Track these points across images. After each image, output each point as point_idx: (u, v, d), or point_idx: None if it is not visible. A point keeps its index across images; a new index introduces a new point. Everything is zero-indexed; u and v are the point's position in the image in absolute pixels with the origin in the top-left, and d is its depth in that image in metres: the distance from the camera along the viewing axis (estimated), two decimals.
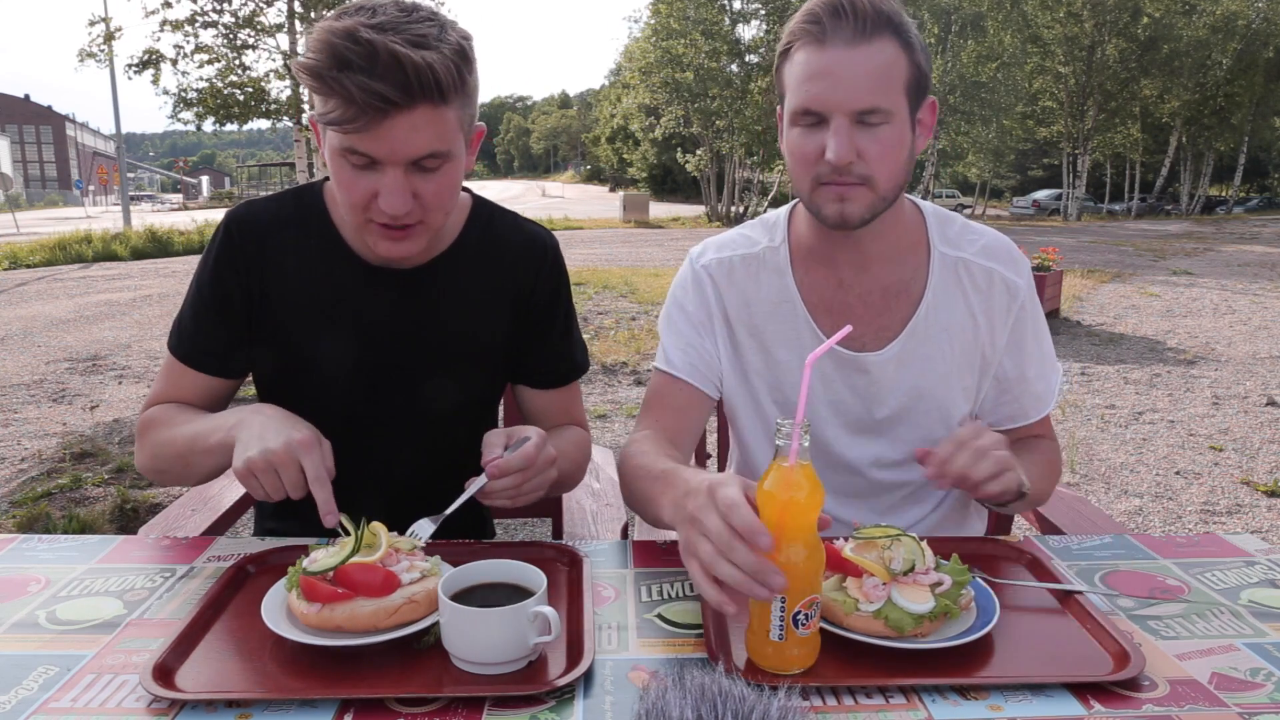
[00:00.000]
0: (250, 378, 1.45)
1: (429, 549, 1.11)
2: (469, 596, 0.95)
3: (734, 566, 0.86)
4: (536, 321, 1.44)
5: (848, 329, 1.02)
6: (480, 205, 1.44)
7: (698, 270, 1.46)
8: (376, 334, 1.37)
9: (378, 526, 1.03)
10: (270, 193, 1.43)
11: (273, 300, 1.35)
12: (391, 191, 1.15)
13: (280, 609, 0.99)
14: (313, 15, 16.63)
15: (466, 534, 1.55)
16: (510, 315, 1.42)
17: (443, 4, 13.37)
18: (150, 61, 16.97)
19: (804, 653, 0.91)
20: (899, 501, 1.48)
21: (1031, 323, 1.42)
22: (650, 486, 1.18)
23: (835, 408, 1.43)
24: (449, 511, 1.14)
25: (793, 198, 1.42)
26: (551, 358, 1.47)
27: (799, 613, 0.89)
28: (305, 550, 1.06)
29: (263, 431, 1.13)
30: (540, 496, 1.21)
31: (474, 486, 1.15)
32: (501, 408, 1.66)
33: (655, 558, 1.20)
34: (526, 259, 1.43)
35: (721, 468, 1.85)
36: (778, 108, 1.32)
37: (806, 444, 0.90)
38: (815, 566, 0.90)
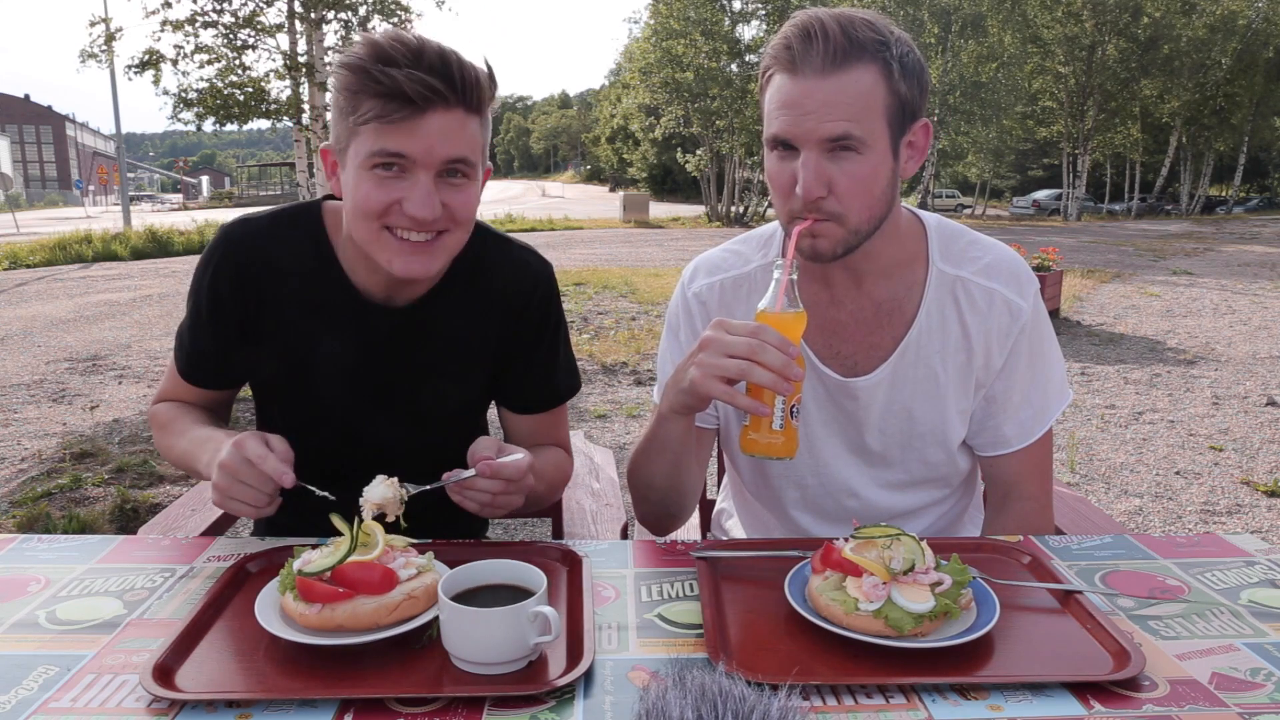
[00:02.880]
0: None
1: (420, 546, 1.11)
2: (469, 597, 0.95)
3: (766, 369, 1.07)
4: (522, 348, 1.44)
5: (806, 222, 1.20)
6: (477, 233, 1.41)
7: (689, 299, 1.45)
8: (368, 362, 1.37)
9: (373, 525, 1.03)
10: (267, 208, 1.42)
11: (268, 318, 1.36)
12: (423, 196, 1.16)
13: (274, 611, 0.99)
14: (312, 15, 16.64)
15: (462, 533, 1.55)
16: (496, 339, 1.42)
17: (444, 2, 13.36)
18: (150, 62, 16.95)
19: (792, 442, 1.12)
20: (898, 521, 1.45)
21: (1030, 346, 1.36)
22: (642, 445, 1.33)
23: (830, 428, 1.41)
24: (428, 487, 1.14)
25: None
26: (534, 384, 1.47)
27: (794, 406, 1.11)
28: (291, 552, 1.06)
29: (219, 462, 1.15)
30: (501, 515, 1.24)
31: (459, 475, 1.15)
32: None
33: (655, 558, 1.20)
34: (517, 288, 1.41)
35: (717, 485, 1.85)
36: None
37: (795, 276, 1.12)
38: (803, 368, 1.12)
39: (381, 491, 1.10)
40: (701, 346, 1.13)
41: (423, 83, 1.12)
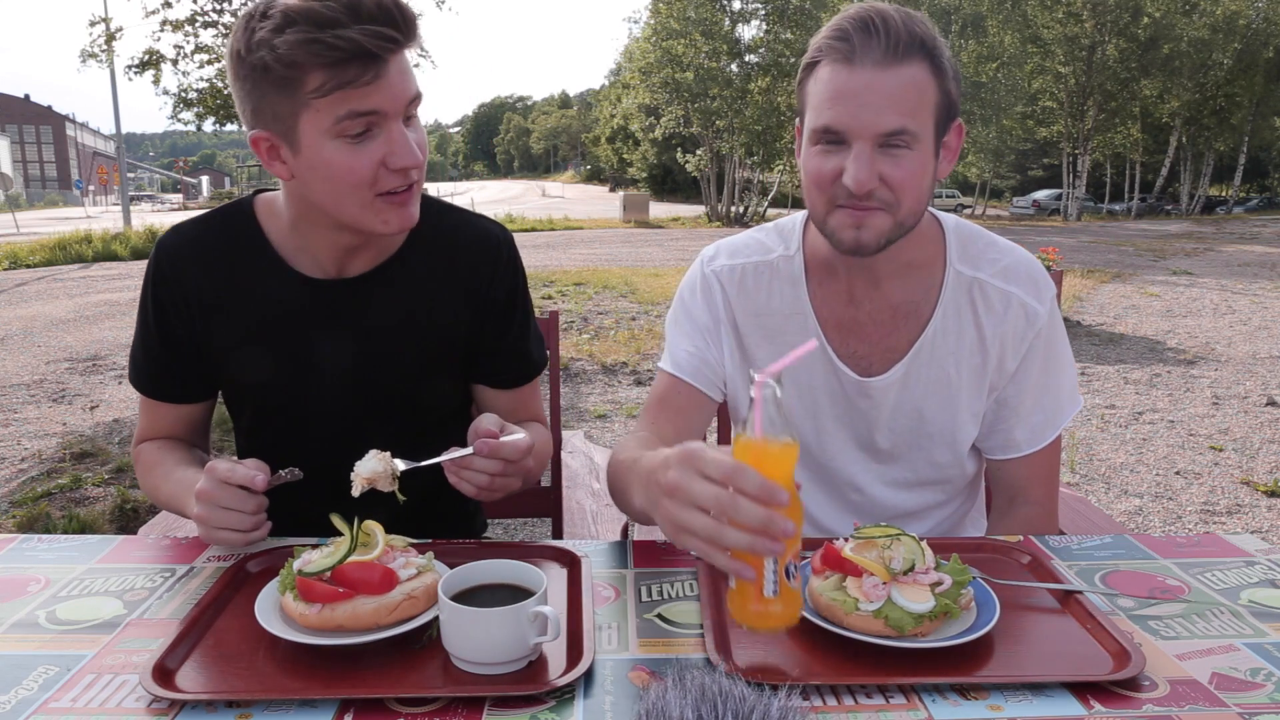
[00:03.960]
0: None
1: (420, 546, 1.11)
2: (469, 597, 0.95)
3: (740, 529, 0.85)
4: (494, 321, 1.41)
5: (811, 344, 0.96)
6: (428, 204, 1.39)
7: (707, 275, 1.43)
8: (333, 346, 1.35)
9: (373, 525, 1.03)
10: (200, 213, 1.40)
11: (215, 323, 1.34)
12: (404, 143, 1.15)
13: (274, 611, 0.99)
14: None
15: (458, 533, 1.55)
16: (468, 312, 1.39)
17: (444, 2, 13.36)
18: (150, 62, 16.96)
19: (790, 607, 0.91)
20: (899, 522, 1.45)
21: (1045, 350, 1.36)
22: (623, 477, 1.17)
23: (840, 423, 1.41)
24: (423, 464, 1.13)
25: (795, 200, 1.40)
26: (510, 357, 1.44)
27: (790, 564, 0.89)
28: (291, 552, 1.06)
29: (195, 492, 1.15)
30: (497, 498, 1.20)
31: (457, 453, 1.13)
32: None
33: (655, 558, 1.20)
34: (479, 257, 1.39)
35: None
36: (796, 121, 1.28)
37: (779, 394, 0.89)
38: (800, 514, 0.91)
39: (372, 465, 1.10)
40: (668, 492, 0.90)
41: (379, 35, 1.08)
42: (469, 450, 1.12)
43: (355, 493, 1.09)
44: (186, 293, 1.33)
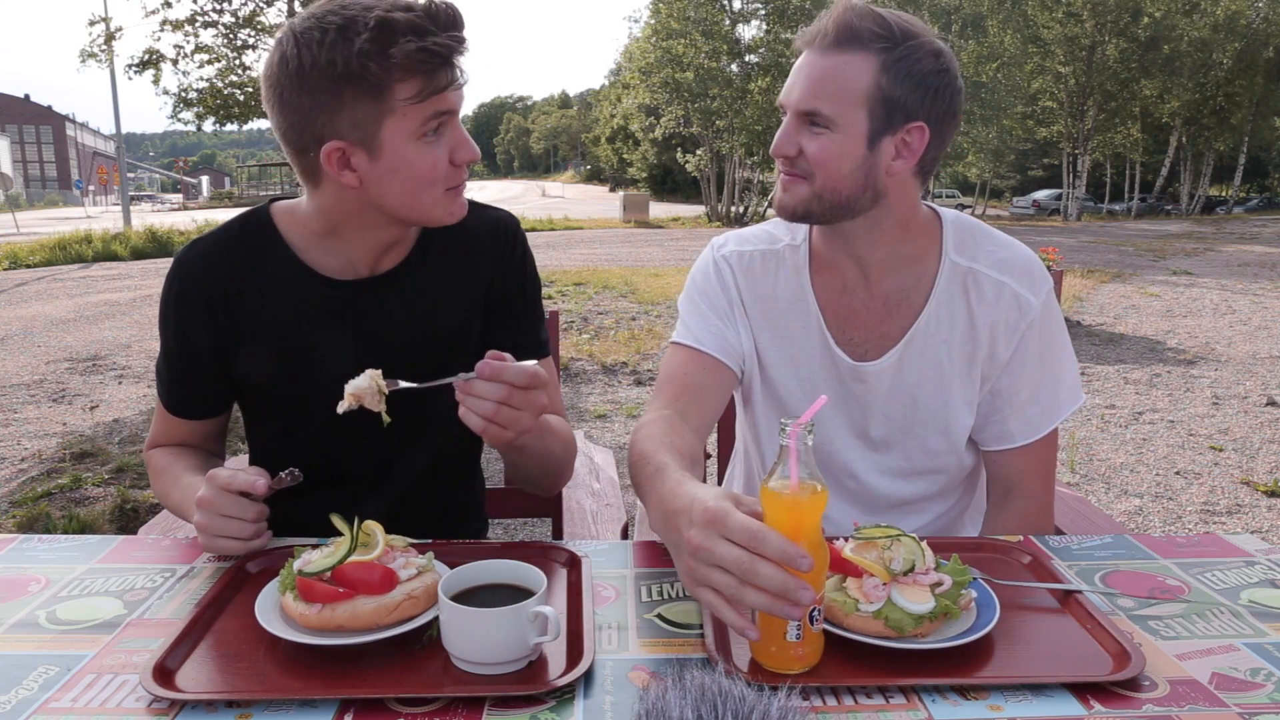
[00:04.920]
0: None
1: (420, 546, 1.11)
2: (469, 597, 0.95)
3: (761, 591, 0.85)
4: (504, 303, 1.42)
5: (822, 399, 0.98)
6: None
7: (718, 259, 1.47)
8: (353, 345, 1.35)
9: (373, 525, 1.03)
10: (216, 226, 1.39)
11: (240, 333, 1.34)
12: (465, 138, 1.22)
13: (274, 611, 0.99)
14: None
15: (462, 534, 1.55)
16: (483, 303, 1.41)
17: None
18: (150, 61, 16.98)
19: (812, 650, 0.92)
20: (895, 512, 1.47)
21: (1040, 342, 1.38)
22: (646, 481, 1.16)
23: (837, 409, 1.43)
24: (420, 385, 1.11)
25: None
26: (516, 336, 1.43)
27: (814, 610, 0.89)
28: (291, 552, 1.06)
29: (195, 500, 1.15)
30: (510, 439, 1.12)
31: (460, 377, 1.09)
32: None
33: (655, 558, 1.20)
34: (492, 245, 1.41)
35: (722, 468, 1.85)
36: None
37: (810, 443, 0.91)
38: (825, 563, 0.92)
39: (358, 381, 1.09)
40: (691, 551, 0.90)
41: (457, 38, 1.15)
42: (473, 374, 1.08)
43: (340, 409, 1.08)
44: (211, 302, 1.32)
